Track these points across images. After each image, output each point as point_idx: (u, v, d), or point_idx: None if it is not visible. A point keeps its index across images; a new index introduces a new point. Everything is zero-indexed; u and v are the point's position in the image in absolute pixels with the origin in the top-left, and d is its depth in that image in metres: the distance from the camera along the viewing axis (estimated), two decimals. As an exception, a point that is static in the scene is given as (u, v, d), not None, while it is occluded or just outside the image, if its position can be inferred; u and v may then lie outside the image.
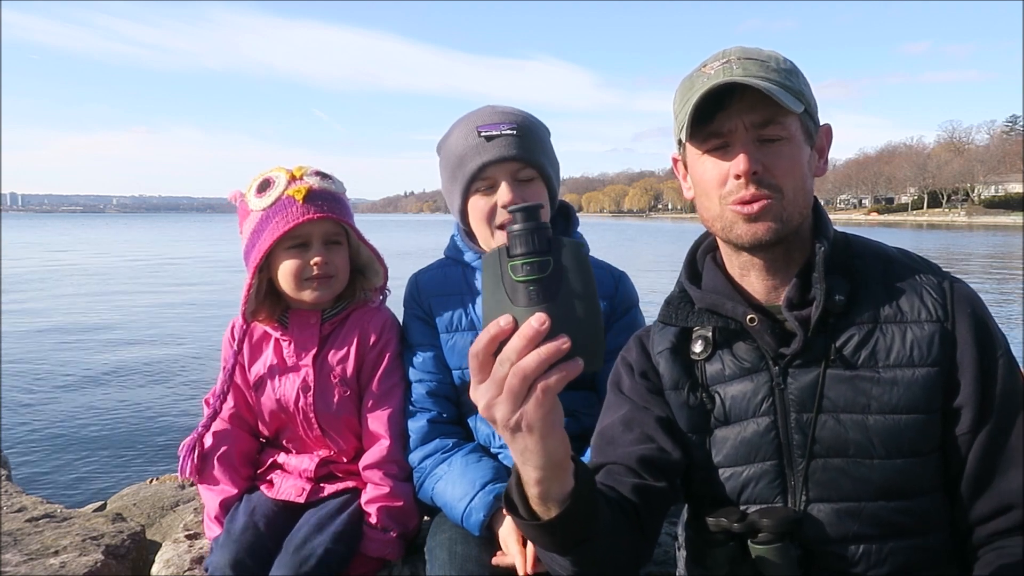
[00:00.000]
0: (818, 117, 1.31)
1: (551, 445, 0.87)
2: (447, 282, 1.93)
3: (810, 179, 1.29)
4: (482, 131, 1.78)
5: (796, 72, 1.26)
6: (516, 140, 1.78)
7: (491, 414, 0.83)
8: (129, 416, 7.53)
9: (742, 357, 1.30)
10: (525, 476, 0.94)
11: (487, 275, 0.83)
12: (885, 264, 1.30)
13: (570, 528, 0.99)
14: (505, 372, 0.79)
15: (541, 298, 0.79)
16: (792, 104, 1.18)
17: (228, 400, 1.96)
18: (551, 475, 0.92)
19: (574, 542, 1.04)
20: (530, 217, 0.81)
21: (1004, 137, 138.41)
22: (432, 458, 1.84)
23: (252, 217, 1.89)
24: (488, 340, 0.80)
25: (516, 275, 0.80)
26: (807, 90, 1.27)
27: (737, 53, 1.25)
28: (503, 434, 0.85)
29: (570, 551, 1.05)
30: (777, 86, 1.20)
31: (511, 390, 0.79)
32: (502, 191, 1.77)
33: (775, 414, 1.26)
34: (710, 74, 1.23)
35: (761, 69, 1.22)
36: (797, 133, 1.24)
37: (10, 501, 2.54)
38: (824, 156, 1.35)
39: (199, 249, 41.46)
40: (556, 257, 0.80)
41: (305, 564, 1.70)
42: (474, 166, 1.77)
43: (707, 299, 1.32)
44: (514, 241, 0.80)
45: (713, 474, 1.32)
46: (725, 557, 1.24)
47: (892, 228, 74.45)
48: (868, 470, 1.21)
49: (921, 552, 1.22)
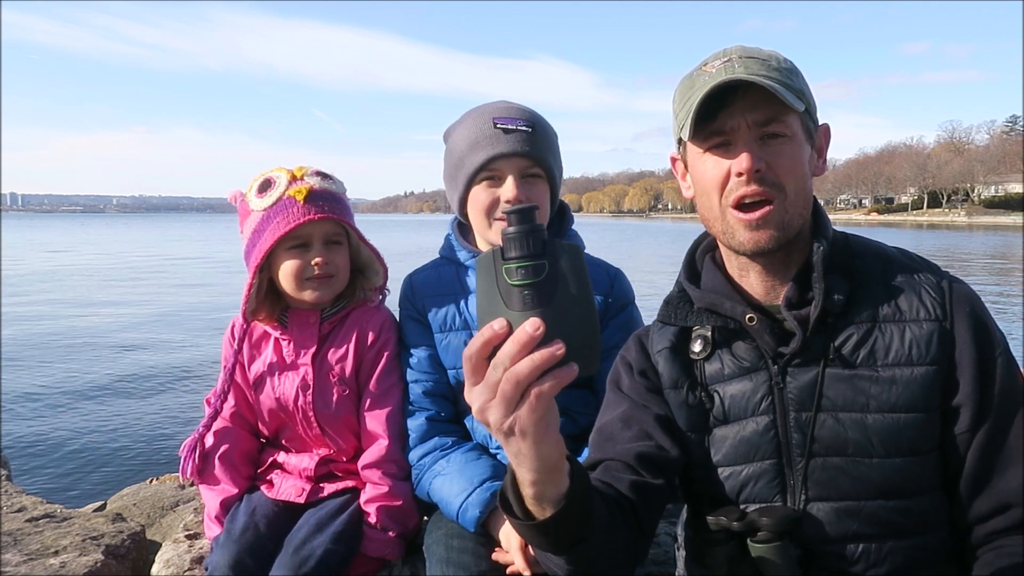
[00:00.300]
0: (817, 117, 1.32)
1: (545, 449, 0.87)
2: (441, 282, 1.94)
3: (810, 178, 1.29)
4: (499, 123, 1.79)
5: (796, 71, 1.27)
6: (530, 137, 1.79)
7: (484, 417, 0.83)
8: (129, 416, 7.53)
9: (741, 356, 1.30)
10: (520, 477, 0.94)
11: (481, 277, 0.81)
12: (884, 264, 1.30)
13: (564, 528, 0.99)
14: (499, 377, 0.79)
15: (536, 302, 0.78)
16: (794, 102, 1.18)
17: (229, 399, 1.97)
18: (545, 477, 0.92)
19: (569, 542, 1.04)
20: (525, 219, 0.79)
21: (1004, 137, 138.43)
22: (431, 455, 1.84)
23: (253, 217, 1.89)
24: (481, 344, 0.80)
25: (511, 278, 0.78)
26: (807, 89, 1.28)
27: (738, 52, 1.25)
28: (497, 437, 0.85)
29: (565, 551, 1.05)
30: (779, 84, 1.20)
31: (504, 395, 0.79)
32: (507, 186, 1.78)
33: (774, 413, 1.27)
34: (711, 72, 1.23)
35: (763, 67, 1.22)
36: (798, 132, 1.24)
37: (10, 501, 2.54)
38: (823, 156, 1.35)
39: (199, 249, 41.45)
40: (552, 261, 0.78)
41: (305, 564, 1.70)
42: (485, 156, 1.77)
43: (706, 299, 1.32)
44: (509, 244, 0.79)
45: (712, 473, 1.32)
46: (724, 556, 1.24)
47: (892, 228, 74.44)
48: (867, 469, 1.21)
49: (920, 551, 1.22)
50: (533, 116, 1.84)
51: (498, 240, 1.82)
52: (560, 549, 1.05)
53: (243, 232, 1.93)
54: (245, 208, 1.92)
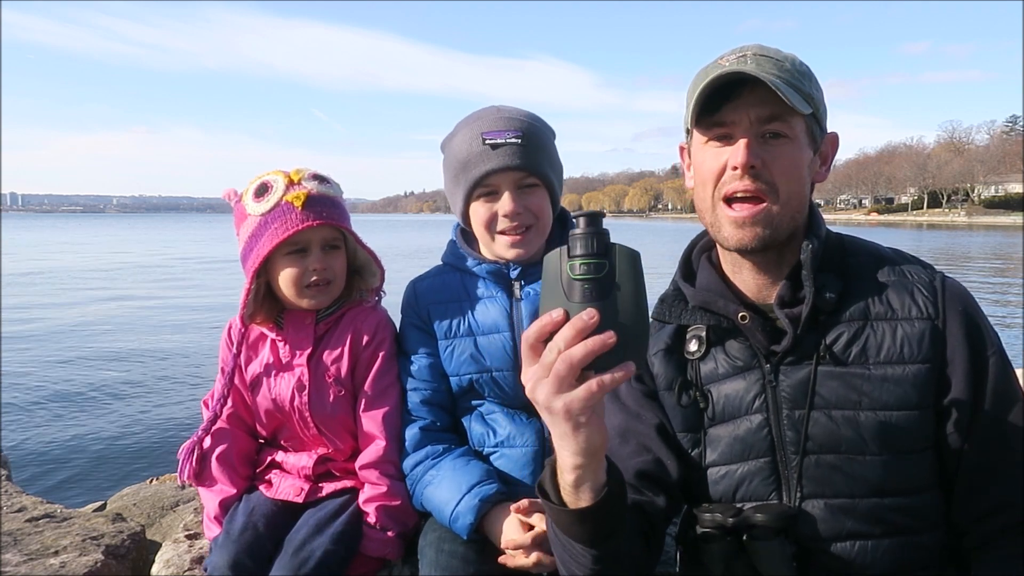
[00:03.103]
0: (826, 124, 1.31)
1: (590, 432, 0.93)
2: (445, 289, 1.93)
3: (808, 183, 1.29)
4: (487, 138, 1.78)
5: (810, 76, 1.27)
6: (520, 149, 1.78)
7: (535, 395, 0.90)
8: (129, 416, 7.53)
9: (735, 355, 1.31)
10: (562, 462, 0.99)
11: (547, 272, 0.92)
12: (877, 262, 1.31)
13: (601, 518, 1.04)
14: (553, 358, 0.87)
15: (594, 296, 0.87)
16: (799, 104, 1.19)
17: (227, 401, 1.97)
18: (587, 462, 0.97)
19: (602, 534, 1.07)
20: (592, 223, 0.90)
21: (1004, 137, 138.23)
22: (422, 465, 1.84)
23: (250, 222, 1.89)
24: (539, 328, 0.89)
25: (573, 273, 0.88)
26: (818, 95, 1.28)
27: (754, 49, 1.26)
28: (544, 415, 0.91)
29: (598, 543, 1.09)
30: (787, 85, 1.20)
31: (557, 374, 0.87)
32: (504, 201, 1.78)
33: (768, 411, 1.27)
34: (724, 65, 1.24)
35: (774, 67, 1.22)
36: (801, 135, 1.25)
37: (10, 501, 2.54)
38: (827, 163, 1.35)
39: (199, 250, 41.42)
40: (612, 261, 0.88)
41: (305, 565, 1.70)
42: (477, 173, 1.77)
43: (700, 296, 1.33)
44: (575, 242, 0.89)
45: (708, 472, 1.33)
46: (721, 553, 1.25)
47: (892, 228, 74.36)
48: (861, 466, 1.22)
49: (916, 549, 1.22)
50: (524, 124, 1.82)
51: (502, 253, 1.83)
52: (594, 541, 1.08)
53: (239, 235, 1.93)
54: (242, 211, 1.92)
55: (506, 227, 1.80)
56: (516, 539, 1.64)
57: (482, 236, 1.85)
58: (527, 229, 1.81)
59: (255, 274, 1.87)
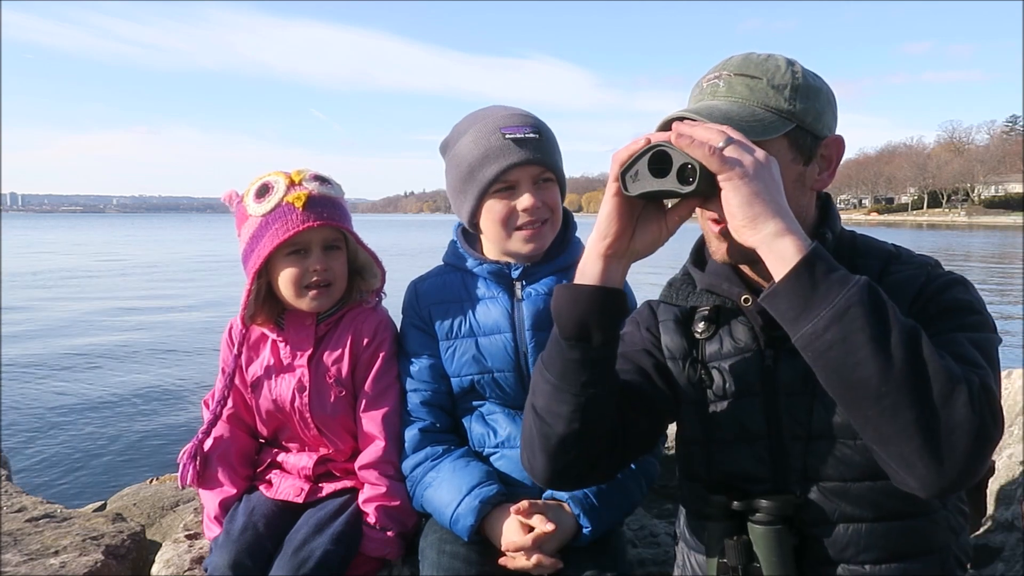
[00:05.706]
0: (823, 129, 1.29)
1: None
2: (446, 289, 1.93)
3: (799, 196, 1.28)
4: (507, 133, 1.78)
5: (796, 87, 1.24)
6: (539, 143, 1.80)
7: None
8: (129, 416, 7.53)
9: (738, 338, 1.34)
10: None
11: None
12: (885, 260, 1.33)
13: (600, 353, 1.21)
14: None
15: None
16: (758, 133, 1.18)
17: (227, 401, 1.97)
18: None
19: (593, 376, 1.21)
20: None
21: (1004, 137, 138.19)
22: (422, 466, 1.84)
23: (251, 222, 1.89)
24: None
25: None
26: (808, 105, 1.25)
27: (734, 67, 1.26)
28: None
29: (586, 387, 1.20)
30: (753, 111, 1.21)
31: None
32: (525, 195, 1.78)
33: (766, 394, 1.30)
34: (703, 87, 1.28)
35: (746, 90, 1.23)
36: (781, 152, 1.23)
37: (10, 501, 2.54)
38: (830, 168, 1.34)
39: (201, 249, 41.44)
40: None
41: (304, 565, 1.70)
42: (498, 167, 1.77)
43: (707, 280, 1.36)
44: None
45: (705, 450, 1.36)
46: (720, 531, 1.29)
47: (892, 228, 74.32)
48: (851, 451, 1.24)
49: (910, 534, 1.24)
50: (536, 121, 1.85)
51: (517, 249, 1.84)
52: (591, 380, 1.21)
53: (240, 236, 1.93)
54: (243, 212, 1.92)
55: (524, 222, 1.80)
56: (516, 541, 1.65)
57: (496, 233, 1.83)
58: (543, 223, 1.82)
59: (256, 275, 1.87)
